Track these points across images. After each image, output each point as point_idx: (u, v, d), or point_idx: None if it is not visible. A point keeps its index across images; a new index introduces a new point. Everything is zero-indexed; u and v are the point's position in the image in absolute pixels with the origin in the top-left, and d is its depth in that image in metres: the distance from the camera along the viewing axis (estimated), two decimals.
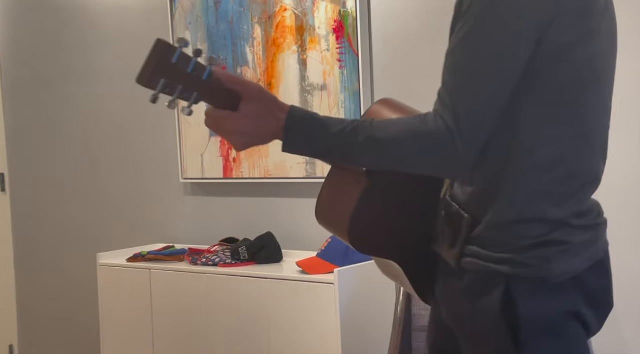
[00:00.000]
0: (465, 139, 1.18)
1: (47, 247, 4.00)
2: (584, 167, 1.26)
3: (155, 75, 1.20)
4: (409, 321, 2.53)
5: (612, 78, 1.32)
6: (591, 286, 1.27)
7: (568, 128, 1.23)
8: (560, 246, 1.23)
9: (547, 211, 1.23)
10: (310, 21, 2.97)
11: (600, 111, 1.28)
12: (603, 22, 1.26)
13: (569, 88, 1.22)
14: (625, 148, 2.40)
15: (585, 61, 1.23)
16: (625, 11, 2.38)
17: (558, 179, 1.23)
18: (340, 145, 1.26)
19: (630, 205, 2.40)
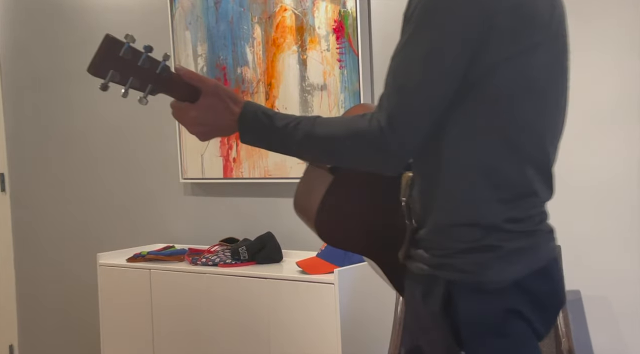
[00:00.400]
0: (398, 138, 1.25)
1: (47, 247, 4.01)
2: (515, 176, 1.28)
3: (103, 66, 1.34)
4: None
5: (557, 89, 1.35)
6: (535, 291, 1.30)
7: (497, 139, 1.27)
8: (494, 252, 1.27)
9: (480, 216, 1.27)
10: (310, 21, 2.97)
11: (538, 123, 1.31)
12: (547, 35, 1.30)
13: (500, 101, 1.26)
14: (625, 148, 2.40)
15: (521, 75, 1.27)
16: (625, 11, 2.38)
17: (489, 186, 1.27)
18: (283, 139, 1.36)
19: (629, 205, 2.40)
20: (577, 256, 2.48)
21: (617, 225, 2.43)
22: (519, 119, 1.29)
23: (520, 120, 1.29)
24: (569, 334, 2.30)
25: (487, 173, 1.27)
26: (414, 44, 1.26)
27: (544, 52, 1.29)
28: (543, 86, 1.31)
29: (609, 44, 2.40)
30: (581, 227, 2.48)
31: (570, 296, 2.49)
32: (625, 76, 2.38)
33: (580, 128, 2.47)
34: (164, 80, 1.40)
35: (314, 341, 2.66)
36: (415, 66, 1.25)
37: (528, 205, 1.30)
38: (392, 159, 1.28)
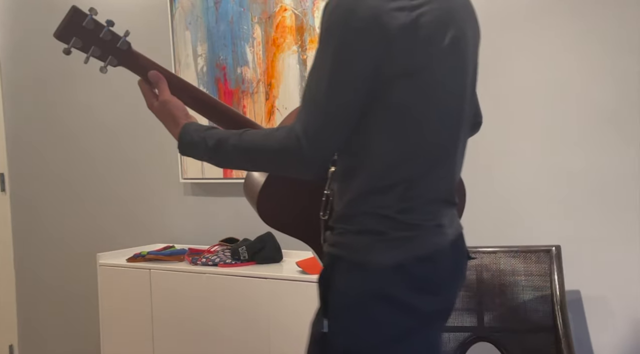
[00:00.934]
0: (312, 147, 1.40)
1: (47, 247, 4.01)
2: (409, 177, 1.44)
3: (67, 32, 1.55)
4: None
5: (457, 100, 1.48)
6: (415, 275, 1.42)
7: (397, 143, 1.42)
8: (381, 236, 1.42)
9: (378, 208, 1.43)
10: (310, 21, 2.97)
11: (437, 132, 1.45)
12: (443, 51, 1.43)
13: (401, 111, 1.41)
14: (625, 148, 2.40)
15: (419, 88, 1.41)
16: (625, 11, 2.38)
17: (388, 183, 1.43)
18: (216, 155, 1.54)
19: (629, 205, 2.40)
20: (577, 256, 2.48)
21: (617, 225, 2.43)
22: (420, 128, 1.43)
23: (420, 129, 1.43)
24: (569, 334, 2.30)
25: (386, 173, 1.43)
26: (321, 61, 1.40)
27: (439, 67, 1.43)
28: (441, 98, 1.44)
29: (609, 44, 2.40)
30: (581, 227, 2.48)
31: (570, 296, 2.49)
32: (625, 76, 2.38)
33: (581, 128, 2.47)
34: (124, 54, 1.61)
35: None
36: (322, 81, 1.40)
37: (419, 202, 1.45)
38: (309, 167, 1.43)
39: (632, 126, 2.38)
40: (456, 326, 2.50)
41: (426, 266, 1.43)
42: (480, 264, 2.51)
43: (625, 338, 2.43)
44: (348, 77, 1.39)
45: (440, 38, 1.42)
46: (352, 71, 1.38)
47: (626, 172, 2.40)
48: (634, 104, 2.37)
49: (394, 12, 1.38)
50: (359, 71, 1.38)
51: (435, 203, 1.47)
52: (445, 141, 1.47)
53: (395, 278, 1.41)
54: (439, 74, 1.43)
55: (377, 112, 1.41)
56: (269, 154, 1.45)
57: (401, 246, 1.42)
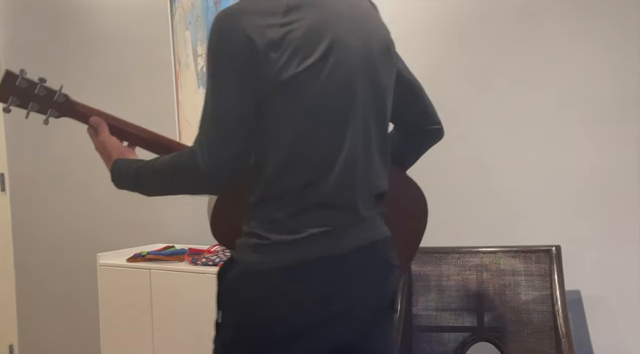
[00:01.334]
0: (207, 161, 1.50)
1: (47, 247, 4.01)
2: (293, 185, 1.51)
3: (3, 93, 1.70)
4: (409, 321, 2.53)
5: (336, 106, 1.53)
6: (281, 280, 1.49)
7: (281, 152, 1.51)
8: (261, 240, 1.50)
9: (267, 214, 1.51)
10: None
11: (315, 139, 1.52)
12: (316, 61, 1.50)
13: (279, 122, 1.50)
14: (625, 148, 2.40)
15: (293, 100, 1.50)
16: (625, 11, 2.38)
17: (278, 192, 1.51)
18: (140, 185, 1.64)
19: (629, 205, 2.40)
20: (577, 256, 2.48)
21: (617, 225, 2.43)
22: (299, 138, 1.51)
23: (300, 139, 1.51)
24: (569, 334, 2.30)
25: (275, 181, 1.51)
26: (207, 83, 1.53)
27: (311, 78, 1.50)
28: (317, 108, 1.51)
29: (609, 44, 2.40)
30: (581, 227, 2.48)
31: (570, 296, 2.49)
32: (625, 76, 2.38)
33: (581, 128, 2.47)
34: (63, 106, 1.77)
35: None
36: (208, 100, 1.52)
37: (305, 209, 1.51)
38: (211, 181, 1.53)
39: (633, 125, 2.38)
40: (456, 326, 2.50)
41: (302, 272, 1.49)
42: (480, 264, 2.51)
43: (625, 338, 2.43)
44: (228, 95, 1.50)
45: (310, 51, 1.50)
46: (230, 89, 1.50)
47: (626, 172, 2.40)
48: (635, 103, 2.37)
49: (265, 29, 1.50)
50: (237, 89, 1.50)
51: (326, 210, 1.52)
52: (326, 149, 1.52)
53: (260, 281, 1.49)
54: (313, 85, 1.50)
55: (262, 124, 1.51)
56: (177, 174, 1.55)
57: (280, 252, 1.49)
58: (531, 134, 2.56)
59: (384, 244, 1.59)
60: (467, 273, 2.52)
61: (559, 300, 2.36)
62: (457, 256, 2.54)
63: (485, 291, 2.49)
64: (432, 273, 2.55)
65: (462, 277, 2.52)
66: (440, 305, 2.52)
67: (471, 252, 2.54)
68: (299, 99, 1.51)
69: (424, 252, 2.58)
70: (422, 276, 2.56)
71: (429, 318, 2.53)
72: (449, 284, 2.53)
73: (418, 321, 2.53)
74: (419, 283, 2.56)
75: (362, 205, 1.56)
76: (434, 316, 2.53)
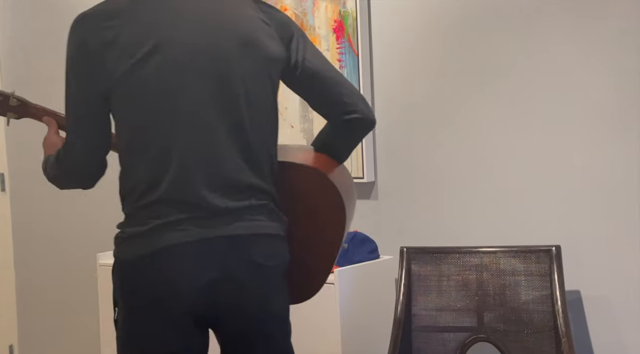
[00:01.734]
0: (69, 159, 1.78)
1: (47, 247, 4.00)
2: (138, 178, 1.65)
3: None
4: (409, 321, 2.53)
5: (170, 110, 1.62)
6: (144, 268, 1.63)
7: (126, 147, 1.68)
8: (122, 234, 1.69)
9: (124, 206, 1.72)
10: (310, 21, 2.97)
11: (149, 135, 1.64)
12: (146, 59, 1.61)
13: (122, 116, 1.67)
14: (625, 148, 2.40)
15: (127, 92, 1.63)
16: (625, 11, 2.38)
17: (128, 183, 1.69)
18: (48, 176, 1.92)
19: (629, 205, 2.40)
20: (577, 256, 2.48)
21: (617, 225, 2.42)
22: (137, 135, 1.65)
23: (137, 136, 1.65)
24: (569, 334, 2.30)
25: (126, 173, 1.69)
26: None
27: (138, 75, 1.61)
28: (145, 103, 1.62)
29: (609, 44, 2.40)
30: (581, 227, 2.48)
31: (570, 296, 2.49)
32: (625, 76, 2.38)
33: (581, 127, 2.47)
34: (19, 109, 2.10)
35: (314, 341, 2.66)
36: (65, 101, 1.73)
37: (147, 203, 1.63)
38: (76, 177, 1.87)
39: (633, 125, 2.38)
40: (456, 326, 2.50)
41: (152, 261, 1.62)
42: (480, 264, 2.52)
43: (625, 338, 2.43)
44: (77, 96, 1.69)
45: (134, 51, 1.61)
46: (79, 90, 1.68)
47: (626, 172, 2.40)
48: (635, 103, 2.37)
49: (101, 31, 1.64)
50: (84, 88, 1.67)
51: (168, 204, 1.62)
52: (160, 146, 1.62)
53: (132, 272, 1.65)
54: (139, 84, 1.62)
55: (115, 124, 1.69)
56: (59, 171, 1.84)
57: (132, 243, 1.65)
58: (531, 134, 2.56)
59: (245, 239, 1.63)
60: (467, 273, 2.52)
61: (559, 300, 2.36)
62: (457, 256, 2.54)
63: (485, 291, 2.49)
64: (432, 272, 2.55)
65: (462, 277, 2.52)
66: (440, 305, 2.52)
67: (471, 252, 2.54)
68: (130, 98, 1.63)
69: (424, 252, 2.58)
70: (422, 276, 2.56)
71: (429, 318, 2.53)
72: (449, 284, 2.53)
73: (418, 321, 2.53)
74: (419, 283, 2.56)
75: (214, 199, 1.61)
76: (434, 316, 2.53)
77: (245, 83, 1.65)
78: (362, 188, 2.95)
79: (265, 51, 1.68)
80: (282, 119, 3.07)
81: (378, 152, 2.91)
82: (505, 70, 2.60)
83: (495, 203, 2.65)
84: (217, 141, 1.63)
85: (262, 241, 1.66)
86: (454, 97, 2.72)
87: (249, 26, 1.68)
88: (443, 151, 2.76)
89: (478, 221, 2.69)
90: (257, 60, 1.67)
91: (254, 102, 1.67)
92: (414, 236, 2.82)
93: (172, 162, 1.62)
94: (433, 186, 2.79)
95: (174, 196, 1.62)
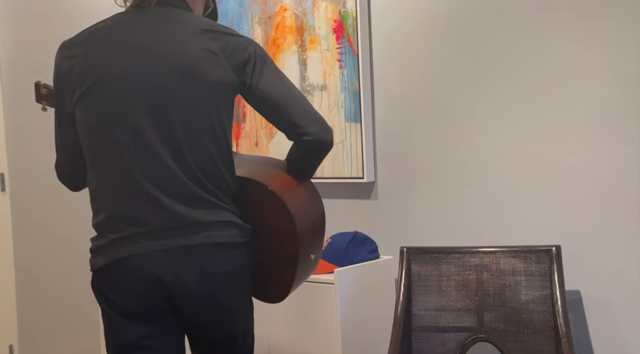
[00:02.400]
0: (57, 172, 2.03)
1: (47, 247, 4.01)
2: (96, 197, 1.86)
3: (39, 99, 2.28)
4: (409, 321, 2.53)
5: (114, 126, 1.80)
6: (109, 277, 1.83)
7: (89, 167, 1.87)
8: (91, 247, 1.87)
9: (92, 220, 1.88)
10: (310, 21, 2.97)
11: (99, 158, 1.84)
12: (86, 88, 1.81)
13: (82, 139, 1.86)
14: (625, 148, 2.40)
15: (82, 119, 1.83)
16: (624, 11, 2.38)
17: (93, 204, 1.87)
18: None
19: (629, 205, 2.40)
20: (577, 256, 2.48)
21: (617, 225, 2.42)
22: (91, 151, 1.84)
23: (91, 153, 1.84)
24: (569, 334, 2.30)
25: (90, 192, 1.88)
26: None
27: (86, 103, 1.82)
28: (95, 132, 1.82)
29: (610, 44, 2.40)
30: (581, 227, 2.48)
31: (570, 296, 2.49)
32: (626, 76, 2.38)
33: (581, 127, 2.47)
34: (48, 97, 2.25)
35: (314, 341, 2.66)
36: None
37: (103, 218, 1.83)
38: (66, 185, 2.06)
39: (633, 125, 2.38)
40: (456, 326, 2.50)
41: (110, 271, 1.82)
42: (480, 264, 2.52)
43: (625, 338, 2.43)
44: (56, 115, 1.91)
45: (84, 80, 1.81)
46: (57, 110, 1.91)
47: (626, 172, 2.40)
48: (635, 103, 2.37)
49: (65, 61, 1.86)
50: (59, 109, 1.90)
51: (120, 219, 1.80)
52: (106, 166, 1.82)
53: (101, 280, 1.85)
54: (87, 110, 1.82)
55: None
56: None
57: (98, 255, 1.84)
58: (531, 133, 2.56)
59: (195, 250, 1.78)
60: (467, 273, 2.52)
61: (559, 300, 2.36)
62: (457, 256, 2.54)
63: (485, 291, 2.49)
64: (432, 273, 2.55)
65: (462, 277, 2.52)
66: (440, 305, 2.53)
67: (471, 252, 2.54)
68: (82, 125, 1.83)
69: (424, 252, 2.58)
70: (422, 276, 2.56)
71: (429, 318, 2.53)
72: (449, 284, 2.53)
73: (418, 321, 2.53)
74: (419, 283, 2.56)
75: (162, 214, 1.78)
76: (434, 316, 2.53)
77: (183, 111, 1.79)
78: (362, 188, 2.95)
79: (207, 79, 1.80)
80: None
81: (378, 152, 2.91)
82: (506, 70, 2.60)
83: (495, 203, 2.65)
84: (161, 162, 1.78)
85: (212, 250, 1.80)
86: (454, 96, 2.72)
87: (190, 57, 1.80)
88: (443, 151, 2.76)
89: (478, 221, 2.69)
90: (197, 88, 1.79)
91: (194, 127, 1.80)
92: (414, 236, 2.82)
93: (118, 182, 1.80)
94: (433, 186, 2.79)
95: (126, 212, 1.80)
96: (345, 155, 2.91)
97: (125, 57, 1.82)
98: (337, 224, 2.98)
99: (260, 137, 3.15)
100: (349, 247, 2.73)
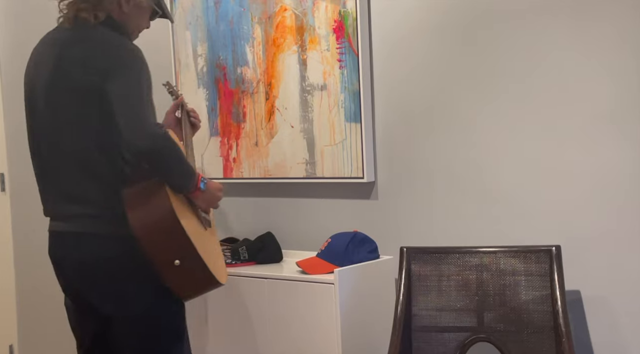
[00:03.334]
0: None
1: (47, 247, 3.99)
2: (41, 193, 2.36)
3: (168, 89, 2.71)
4: (409, 321, 2.53)
5: (30, 136, 2.28)
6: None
7: None
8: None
9: None
10: (310, 21, 2.97)
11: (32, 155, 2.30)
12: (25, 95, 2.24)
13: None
14: (625, 148, 2.40)
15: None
16: (624, 11, 2.38)
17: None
18: None
19: (629, 205, 2.40)
20: (577, 256, 2.48)
21: (617, 225, 2.42)
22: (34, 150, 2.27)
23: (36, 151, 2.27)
24: (569, 334, 2.30)
25: None
26: None
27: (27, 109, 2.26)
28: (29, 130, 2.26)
29: (608, 44, 2.40)
30: (581, 227, 2.48)
31: (570, 296, 2.49)
32: (625, 76, 2.38)
33: (581, 127, 2.47)
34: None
35: (314, 341, 2.66)
36: None
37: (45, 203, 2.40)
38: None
39: (633, 125, 2.38)
40: (456, 326, 2.50)
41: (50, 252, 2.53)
42: (480, 264, 2.52)
43: (625, 338, 2.43)
44: None
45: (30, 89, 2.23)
46: None
47: (626, 172, 2.40)
48: (635, 103, 2.37)
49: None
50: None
51: (47, 209, 2.47)
52: (34, 164, 2.29)
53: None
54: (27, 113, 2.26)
55: None
56: None
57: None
58: (531, 133, 2.56)
59: (65, 237, 2.47)
60: (467, 273, 2.52)
61: (559, 300, 2.36)
62: (457, 256, 2.54)
63: (485, 291, 2.49)
64: (432, 273, 2.55)
65: (462, 277, 2.52)
66: (440, 305, 2.52)
67: (471, 252, 2.54)
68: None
69: (424, 252, 2.58)
70: (422, 276, 2.56)
71: (429, 318, 2.53)
72: (449, 284, 2.53)
73: (418, 321, 2.53)
74: (419, 283, 2.56)
75: (54, 204, 2.39)
76: (434, 316, 2.53)
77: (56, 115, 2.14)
78: (362, 188, 2.95)
79: (71, 84, 2.09)
80: (283, 119, 3.07)
81: (378, 152, 2.91)
82: (506, 70, 2.60)
83: (495, 203, 2.65)
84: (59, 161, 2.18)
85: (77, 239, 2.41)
86: (454, 97, 2.72)
87: (64, 67, 2.12)
88: (443, 151, 2.76)
89: (478, 221, 2.69)
90: (62, 93, 2.11)
91: (64, 132, 2.13)
92: (414, 236, 2.82)
93: (37, 176, 2.33)
94: (433, 186, 2.79)
95: (45, 206, 2.45)
96: (345, 155, 2.91)
97: (36, 69, 2.23)
98: (337, 224, 2.99)
99: (260, 137, 3.15)
100: (348, 247, 2.72)
